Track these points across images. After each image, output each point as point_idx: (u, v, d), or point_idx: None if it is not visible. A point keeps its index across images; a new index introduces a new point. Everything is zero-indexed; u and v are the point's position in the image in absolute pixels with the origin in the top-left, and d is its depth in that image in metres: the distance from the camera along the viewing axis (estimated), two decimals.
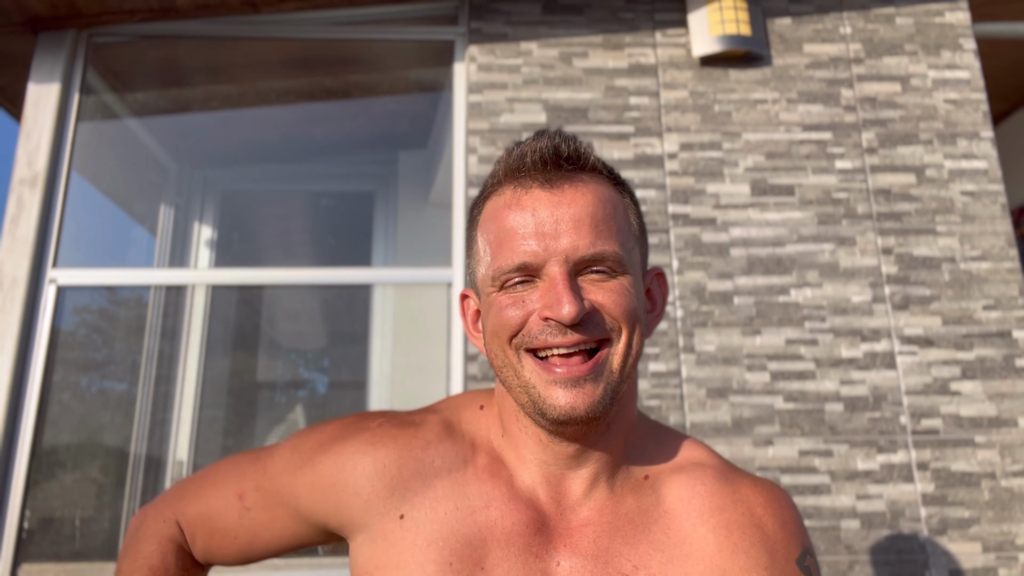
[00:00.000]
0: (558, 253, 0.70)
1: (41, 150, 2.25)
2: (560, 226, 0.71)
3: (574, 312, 0.67)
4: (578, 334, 0.70)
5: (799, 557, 0.75)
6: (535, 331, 0.71)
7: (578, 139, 0.76)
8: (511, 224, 0.72)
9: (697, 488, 0.77)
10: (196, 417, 2.91)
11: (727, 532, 0.74)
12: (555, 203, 0.72)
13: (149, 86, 2.97)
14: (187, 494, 0.89)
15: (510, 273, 0.72)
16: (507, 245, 0.72)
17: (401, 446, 0.80)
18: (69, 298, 2.31)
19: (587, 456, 0.77)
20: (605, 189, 0.75)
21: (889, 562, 1.96)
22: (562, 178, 0.73)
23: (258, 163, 3.58)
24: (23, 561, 2.00)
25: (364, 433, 0.82)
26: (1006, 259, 2.22)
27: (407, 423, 0.83)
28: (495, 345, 0.74)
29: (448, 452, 0.80)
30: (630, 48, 2.40)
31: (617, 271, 0.72)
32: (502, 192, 0.75)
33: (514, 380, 0.73)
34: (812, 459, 2.03)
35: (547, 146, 0.74)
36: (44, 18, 2.32)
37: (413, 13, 2.52)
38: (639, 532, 0.74)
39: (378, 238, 3.35)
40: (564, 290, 0.68)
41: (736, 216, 2.24)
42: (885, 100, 2.37)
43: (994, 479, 2.02)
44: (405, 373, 2.99)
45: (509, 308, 0.72)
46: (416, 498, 0.77)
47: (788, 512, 0.78)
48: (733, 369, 2.10)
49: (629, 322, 0.72)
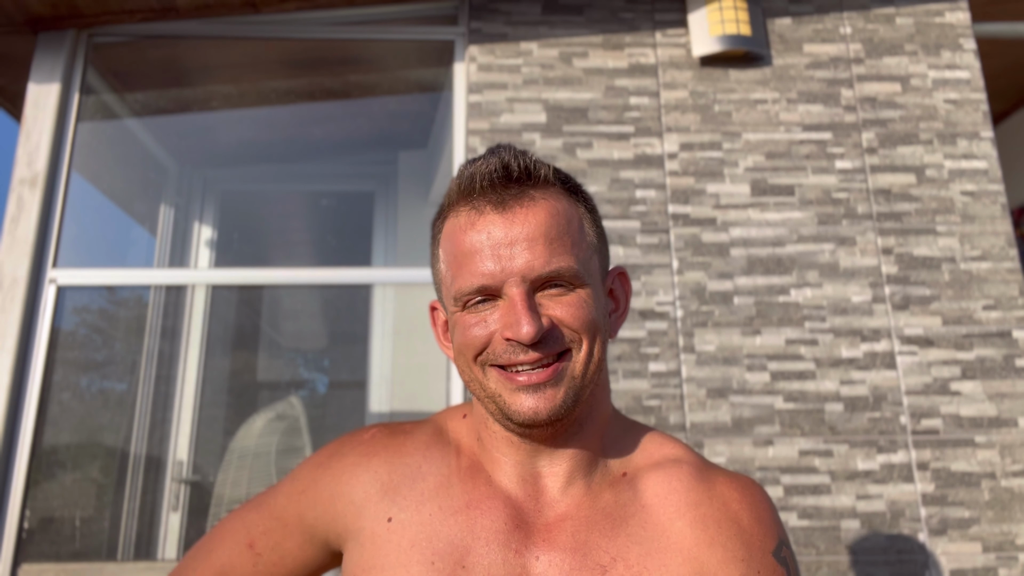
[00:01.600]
0: (514, 274, 0.72)
1: (41, 150, 2.25)
2: (515, 247, 0.73)
3: (532, 332, 0.70)
4: (539, 351, 0.72)
5: (775, 549, 0.77)
6: (499, 350, 0.73)
7: (528, 154, 0.78)
8: (468, 247, 0.74)
9: (674, 484, 0.79)
10: (196, 417, 2.91)
11: (704, 527, 0.76)
12: (508, 223, 0.73)
13: (149, 86, 2.97)
14: (199, 559, 0.90)
15: (470, 295, 0.74)
16: (466, 267, 0.74)
17: (392, 453, 0.84)
18: (69, 298, 2.31)
19: (560, 454, 0.79)
20: (558, 203, 0.77)
21: (889, 562, 1.96)
22: (513, 197, 0.75)
23: (258, 163, 3.58)
24: (23, 561, 2.00)
25: (360, 446, 0.86)
26: (1006, 259, 2.22)
27: (399, 432, 0.86)
28: (461, 362, 0.77)
29: (436, 457, 0.83)
30: (630, 48, 2.40)
31: (575, 284, 0.75)
32: (458, 213, 0.77)
33: (481, 392, 0.77)
34: (812, 459, 2.03)
35: (496, 166, 0.75)
36: (44, 18, 2.32)
37: (413, 13, 2.52)
38: (617, 526, 0.76)
39: (378, 238, 3.35)
40: (523, 311, 0.71)
41: (736, 216, 2.24)
42: (885, 100, 2.37)
43: (994, 479, 2.02)
44: (405, 373, 2.99)
45: (473, 328, 0.75)
46: (404, 501, 0.80)
47: (763, 506, 0.79)
48: (733, 369, 2.10)
49: (588, 333, 0.75)
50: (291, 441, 2.71)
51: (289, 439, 2.72)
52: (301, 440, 2.74)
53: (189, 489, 2.82)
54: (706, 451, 2.04)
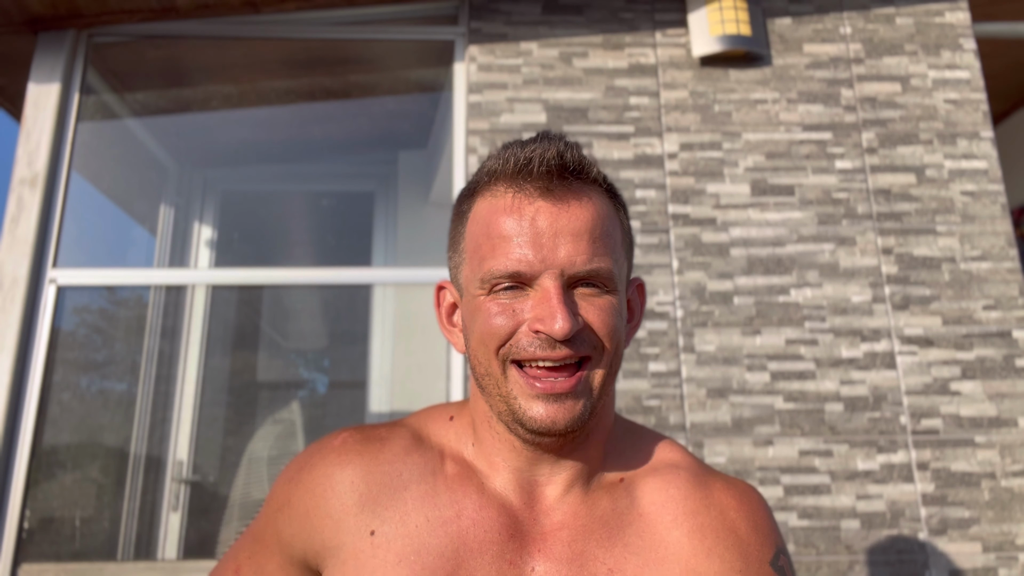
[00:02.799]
0: (555, 266, 0.70)
1: (41, 150, 2.25)
2: (559, 238, 0.70)
3: (567, 328, 0.68)
4: (567, 349, 0.70)
5: (772, 558, 0.75)
6: (524, 343, 0.70)
7: (580, 148, 0.76)
8: (508, 229, 0.72)
9: (671, 491, 0.77)
10: (196, 417, 2.91)
11: (701, 536, 0.74)
12: (556, 214, 0.71)
13: (149, 86, 2.97)
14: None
15: (501, 278, 0.71)
16: (501, 249, 0.71)
17: (368, 460, 0.78)
18: (69, 298, 2.31)
19: (562, 464, 0.77)
20: (604, 203, 0.75)
21: (889, 562, 1.96)
22: (565, 189, 0.72)
23: (258, 163, 3.58)
24: (23, 561, 2.00)
25: (330, 455, 0.80)
26: (1006, 259, 2.22)
27: (372, 437, 0.81)
28: (481, 352, 0.74)
29: (417, 464, 0.78)
30: (630, 48, 2.40)
31: (608, 287, 0.73)
32: (500, 194, 0.74)
33: (494, 389, 0.73)
34: (812, 459, 2.03)
35: (553, 155, 0.73)
36: (44, 18, 2.32)
37: (413, 13, 2.52)
38: (614, 535, 0.74)
39: (378, 238, 3.35)
40: (559, 305, 0.68)
41: (736, 216, 2.24)
42: (885, 100, 2.37)
43: (994, 479, 2.02)
44: (405, 373, 2.99)
45: (498, 316, 0.71)
46: (386, 512, 0.75)
47: (760, 513, 0.78)
48: (733, 369, 2.10)
49: (612, 342, 0.73)
50: (287, 445, 2.72)
51: (285, 443, 2.72)
52: (296, 444, 2.74)
53: (189, 489, 2.82)
54: (706, 451, 2.04)
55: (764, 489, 2.00)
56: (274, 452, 2.65)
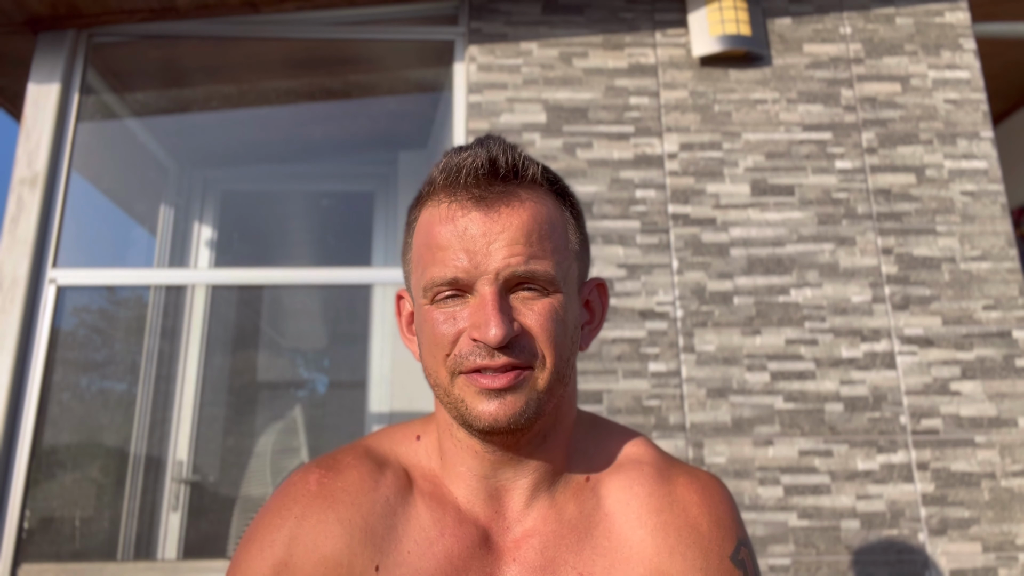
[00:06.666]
0: (488, 272, 0.70)
1: (41, 150, 2.25)
2: (492, 245, 0.70)
3: (500, 335, 0.67)
4: (506, 356, 0.69)
5: (733, 552, 0.77)
6: (465, 352, 0.70)
7: (517, 149, 0.75)
8: (444, 238, 0.72)
9: (635, 489, 0.78)
10: (196, 417, 2.91)
11: (664, 535, 0.76)
12: (489, 221, 0.71)
13: (149, 86, 2.97)
14: None
15: (441, 287, 0.72)
16: (439, 258, 0.72)
17: (353, 495, 0.77)
18: (69, 298, 2.31)
19: (524, 466, 0.78)
20: (542, 205, 0.74)
21: (889, 562, 1.96)
22: (497, 195, 0.72)
23: (258, 163, 3.58)
24: (23, 561, 2.00)
25: (316, 500, 0.76)
26: (1006, 259, 2.22)
27: (343, 468, 0.79)
28: (431, 362, 0.74)
29: (393, 488, 0.78)
30: (630, 48, 2.40)
31: (549, 289, 0.72)
32: (437, 203, 0.74)
33: (445, 396, 0.74)
34: (812, 459, 2.03)
35: (484, 160, 0.72)
36: (44, 18, 2.32)
37: (413, 13, 2.52)
38: (583, 538, 0.76)
39: (378, 238, 3.35)
40: (492, 311, 0.68)
41: (736, 216, 2.24)
42: (885, 100, 2.37)
43: (994, 479, 2.02)
44: (405, 373, 2.99)
45: (442, 324, 0.72)
46: (383, 543, 0.75)
47: (723, 507, 0.79)
48: (733, 369, 2.10)
49: (554, 347, 0.72)
50: (288, 441, 2.72)
51: (285, 438, 2.72)
52: (297, 440, 2.74)
53: (189, 489, 2.82)
54: (706, 451, 2.04)
55: (764, 489, 2.00)
56: (278, 447, 2.66)
